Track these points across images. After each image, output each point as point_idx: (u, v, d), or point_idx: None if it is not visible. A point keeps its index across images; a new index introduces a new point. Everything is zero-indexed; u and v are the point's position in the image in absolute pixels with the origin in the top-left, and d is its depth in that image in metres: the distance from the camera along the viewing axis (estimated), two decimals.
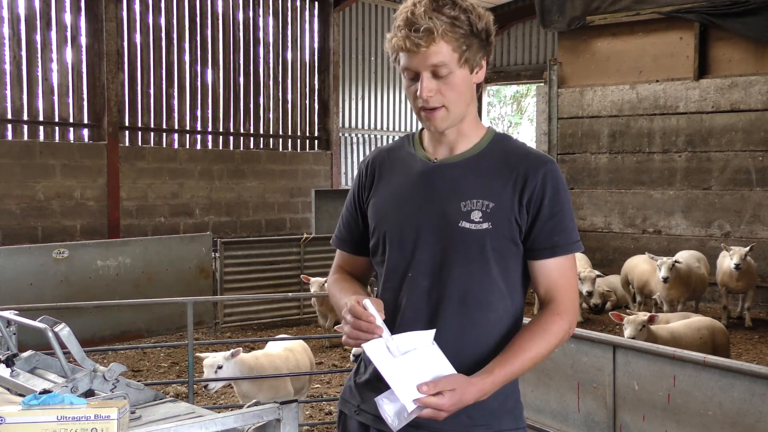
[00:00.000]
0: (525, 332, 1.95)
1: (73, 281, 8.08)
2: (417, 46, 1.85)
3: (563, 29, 11.72)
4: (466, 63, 1.91)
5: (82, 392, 1.74)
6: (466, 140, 2.02)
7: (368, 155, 2.18)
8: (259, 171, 12.77)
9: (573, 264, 2.01)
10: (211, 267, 9.31)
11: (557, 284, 1.97)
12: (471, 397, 1.82)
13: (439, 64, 1.87)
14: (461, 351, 1.92)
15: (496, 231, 1.92)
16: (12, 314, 2.11)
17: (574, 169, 11.92)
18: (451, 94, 1.92)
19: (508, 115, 28.62)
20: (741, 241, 10.04)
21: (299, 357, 5.46)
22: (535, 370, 4.10)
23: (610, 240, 11.60)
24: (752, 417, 3.11)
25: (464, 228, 1.92)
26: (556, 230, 1.95)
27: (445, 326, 1.94)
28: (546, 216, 1.94)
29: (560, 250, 1.96)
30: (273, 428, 1.64)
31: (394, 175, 2.06)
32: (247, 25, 12.75)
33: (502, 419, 1.96)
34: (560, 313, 1.94)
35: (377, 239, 2.06)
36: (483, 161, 1.99)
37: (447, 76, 1.89)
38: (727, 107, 10.50)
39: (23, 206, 10.15)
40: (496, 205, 1.93)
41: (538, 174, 1.94)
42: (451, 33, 1.86)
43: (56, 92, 10.63)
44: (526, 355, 1.90)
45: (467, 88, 1.96)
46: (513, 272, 1.98)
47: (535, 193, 1.93)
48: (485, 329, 1.95)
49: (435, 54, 1.86)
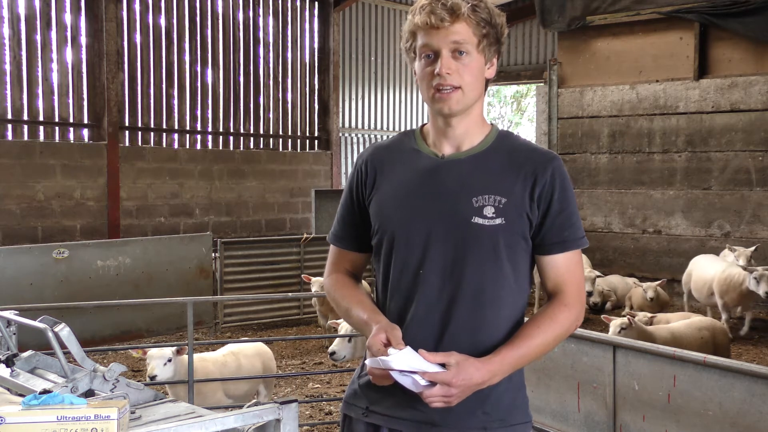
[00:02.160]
0: (532, 321, 1.98)
1: (73, 281, 8.08)
2: (442, 20, 1.89)
3: (563, 29, 11.72)
4: (482, 52, 1.96)
5: (82, 392, 1.74)
6: (473, 136, 2.03)
7: (364, 152, 2.16)
8: (259, 171, 12.77)
9: (580, 258, 2.04)
10: (211, 267, 9.31)
11: (565, 278, 2.00)
12: (479, 375, 1.84)
13: (462, 42, 1.91)
14: (475, 348, 1.93)
15: (509, 226, 1.94)
16: (12, 314, 2.11)
17: (574, 169, 11.91)
18: (468, 77, 1.94)
19: (508, 115, 28.63)
20: (741, 241, 10.04)
21: (245, 362, 5.34)
22: (534, 370, 4.11)
23: (610, 240, 11.60)
24: (752, 417, 3.11)
25: (477, 224, 1.93)
26: (565, 225, 1.98)
27: (458, 324, 1.95)
28: (556, 211, 1.96)
29: (570, 245, 1.99)
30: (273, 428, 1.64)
31: (398, 172, 2.05)
32: (247, 25, 12.75)
33: (515, 414, 2.00)
34: (567, 305, 1.98)
35: (383, 237, 2.04)
36: (491, 158, 2.00)
37: (465, 58, 1.92)
38: (727, 107, 10.50)
39: (23, 206, 10.15)
40: (509, 201, 1.94)
41: (548, 170, 1.97)
42: (473, 16, 1.91)
43: (56, 92, 10.63)
44: (534, 341, 1.93)
45: (482, 77, 1.99)
46: (522, 268, 2.00)
47: (545, 189, 1.96)
48: (498, 326, 1.97)
49: (458, 32, 1.91)
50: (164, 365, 4.76)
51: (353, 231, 2.15)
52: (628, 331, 5.81)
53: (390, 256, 2.03)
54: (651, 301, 8.46)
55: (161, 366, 4.75)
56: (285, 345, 8.29)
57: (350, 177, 2.17)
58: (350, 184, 2.15)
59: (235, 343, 5.72)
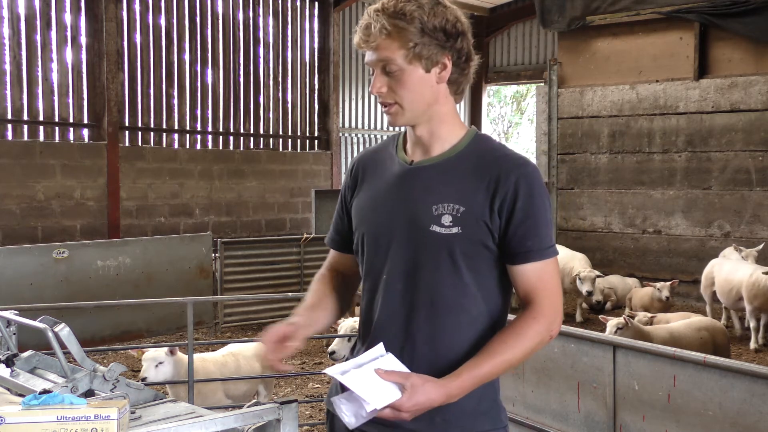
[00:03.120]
0: (499, 336, 1.94)
1: (73, 281, 8.08)
2: (366, 42, 1.92)
3: (563, 29, 11.72)
4: (417, 61, 1.91)
5: (82, 392, 1.75)
6: (442, 142, 2.01)
7: (356, 156, 2.21)
8: (259, 171, 12.76)
9: (554, 267, 1.98)
10: (211, 267, 9.31)
11: (536, 288, 1.94)
12: (436, 397, 1.82)
13: (386, 60, 1.91)
14: (435, 354, 1.94)
15: (465, 235, 1.91)
16: (12, 314, 2.11)
17: (574, 169, 11.92)
18: (402, 92, 1.93)
19: (508, 116, 28.62)
20: (741, 241, 10.04)
21: (243, 362, 5.35)
22: (535, 370, 4.11)
23: (610, 240, 11.60)
24: (752, 417, 3.11)
25: (434, 232, 1.93)
26: (528, 235, 1.92)
27: (418, 329, 1.95)
28: (519, 220, 1.91)
29: (533, 255, 1.93)
30: (273, 428, 1.64)
31: (376, 177, 2.08)
32: (247, 25, 12.74)
33: (477, 420, 1.96)
34: (536, 317, 1.92)
35: (358, 240, 2.09)
36: (459, 163, 1.98)
37: (396, 73, 1.91)
38: (727, 107, 10.50)
39: (23, 206, 10.14)
40: (467, 209, 1.91)
41: (510, 178, 1.91)
42: (396, 31, 1.89)
43: (56, 92, 10.62)
44: (498, 359, 1.89)
45: (424, 86, 1.94)
46: (486, 276, 1.97)
47: (507, 197, 1.91)
48: (457, 333, 1.95)
49: (382, 50, 1.91)
50: (155, 367, 4.78)
51: (342, 233, 2.20)
52: (624, 331, 5.81)
53: (363, 260, 2.08)
54: (666, 301, 8.38)
55: (152, 368, 4.77)
56: None
57: (343, 181, 2.22)
58: (343, 188, 2.21)
59: (235, 343, 5.72)
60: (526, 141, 26.44)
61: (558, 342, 3.93)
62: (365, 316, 2.07)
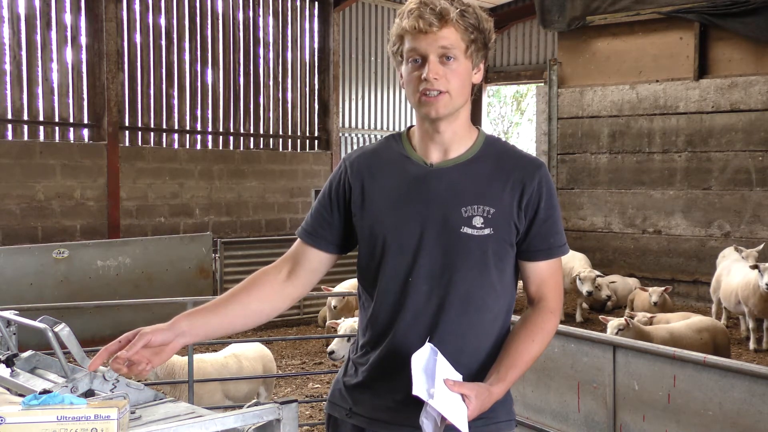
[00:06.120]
0: (524, 332, 1.99)
1: (73, 281, 8.08)
2: (430, 25, 1.89)
3: (563, 29, 11.72)
4: (471, 56, 1.96)
5: (82, 392, 1.75)
6: (460, 143, 2.02)
7: (349, 156, 2.12)
8: (259, 171, 12.77)
9: (561, 263, 2.09)
10: (211, 267, 9.31)
11: (548, 283, 2.04)
12: (488, 404, 1.87)
13: (449, 47, 1.91)
14: (461, 352, 1.96)
15: (497, 236, 1.96)
16: (12, 314, 2.11)
17: (574, 169, 11.92)
18: (455, 81, 1.94)
19: (508, 116, 28.63)
20: (741, 241, 10.03)
21: (246, 364, 5.33)
22: (535, 370, 4.11)
23: (610, 240, 11.60)
24: (752, 417, 3.11)
25: (467, 234, 1.95)
26: (550, 233, 2.02)
27: (446, 329, 1.97)
28: (542, 219, 2.00)
29: (555, 251, 2.04)
30: (273, 428, 1.64)
31: (388, 178, 2.03)
32: (247, 25, 12.75)
33: (498, 411, 2.00)
34: (553, 311, 2.03)
35: (373, 244, 2.02)
36: (479, 165, 2.01)
37: (453, 63, 1.93)
38: (727, 107, 10.50)
39: (23, 206, 10.15)
40: (497, 211, 1.96)
41: (535, 178, 2.00)
42: (461, 21, 1.92)
43: (56, 92, 10.63)
44: (528, 356, 1.97)
45: (468, 81, 1.99)
46: (508, 273, 2.03)
47: (533, 197, 1.98)
48: (482, 330, 2.00)
49: (446, 37, 1.91)
50: None
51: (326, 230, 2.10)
52: (625, 331, 5.81)
53: (380, 262, 2.01)
54: (655, 306, 8.41)
55: None
56: (285, 345, 8.29)
57: (332, 177, 2.13)
58: (331, 183, 2.11)
59: (236, 343, 5.72)
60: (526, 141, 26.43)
61: (558, 342, 3.93)
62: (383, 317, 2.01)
